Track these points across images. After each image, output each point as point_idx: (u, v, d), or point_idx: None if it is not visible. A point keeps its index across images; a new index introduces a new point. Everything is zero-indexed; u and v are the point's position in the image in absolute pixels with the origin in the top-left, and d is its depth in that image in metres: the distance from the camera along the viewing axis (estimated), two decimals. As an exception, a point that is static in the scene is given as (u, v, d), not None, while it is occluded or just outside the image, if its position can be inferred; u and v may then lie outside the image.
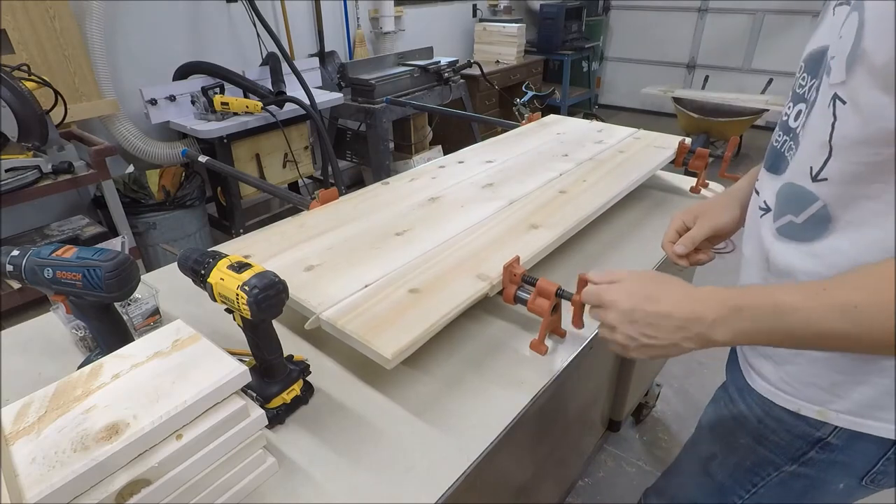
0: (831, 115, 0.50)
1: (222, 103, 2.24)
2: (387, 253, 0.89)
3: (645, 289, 0.57)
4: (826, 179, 0.52)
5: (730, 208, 0.76)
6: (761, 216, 0.63)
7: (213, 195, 2.56)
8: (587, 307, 0.66)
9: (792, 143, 0.58)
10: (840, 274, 0.48)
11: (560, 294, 0.76)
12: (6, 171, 1.64)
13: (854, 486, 0.61)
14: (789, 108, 0.60)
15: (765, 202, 0.62)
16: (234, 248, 0.90)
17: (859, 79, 0.46)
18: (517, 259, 0.81)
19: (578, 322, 0.77)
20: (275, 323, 0.65)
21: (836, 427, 0.58)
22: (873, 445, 0.57)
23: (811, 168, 0.53)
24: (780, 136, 0.61)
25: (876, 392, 0.54)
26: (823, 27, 0.55)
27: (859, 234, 0.51)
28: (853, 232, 0.51)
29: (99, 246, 1.07)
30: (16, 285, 1.73)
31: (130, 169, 2.32)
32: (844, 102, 0.48)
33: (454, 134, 3.53)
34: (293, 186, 2.74)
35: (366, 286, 0.79)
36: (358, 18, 3.25)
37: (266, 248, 0.90)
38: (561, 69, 4.43)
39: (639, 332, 0.56)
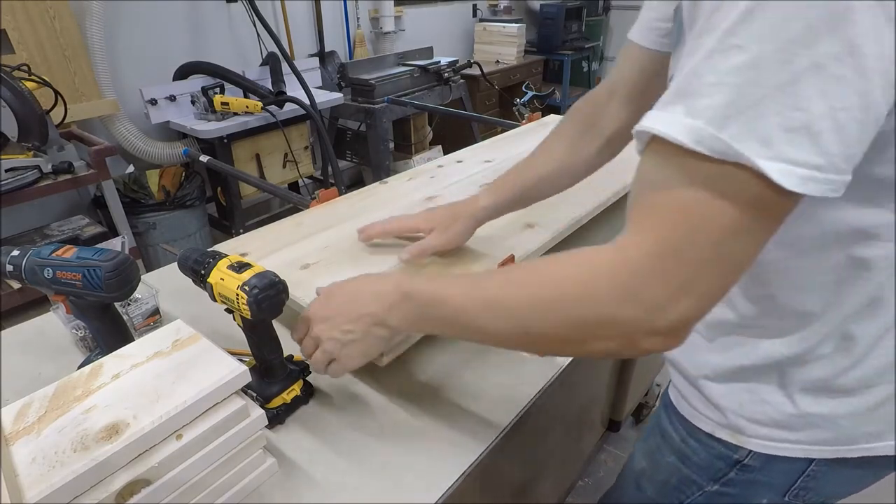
0: None
1: (222, 103, 2.24)
2: (382, 251, 0.88)
3: (338, 287, 0.60)
4: None
5: None
6: None
7: (213, 195, 2.56)
8: None
9: None
10: (503, 268, 0.49)
11: (559, 294, 0.76)
12: (6, 171, 1.64)
13: (778, 502, 0.60)
14: None
15: None
16: (230, 247, 0.90)
17: None
18: (511, 258, 0.81)
19: None
20: (275, 323, 0.65)
21: (751, 450, 0.57)
22: (790, 465, 0.56)
23: None
24: None
25: (781, 414, 0.53)
26: None
27: None
28: None
29: (99, 246, 1.07)
30: (16, 285, 1.73)
31: (130, 169, 2.32)
32: None
33: (454, 134, 3.53)
34: (293, 186, 2.74)
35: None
36: (358, 18, 3.25)
37: (262, 247, 0.90)
38: (561, 69, 4.42)
39: (338, 331, 0.57)
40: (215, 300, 0.63)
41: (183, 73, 2.36)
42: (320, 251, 0.89)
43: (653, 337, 0.40)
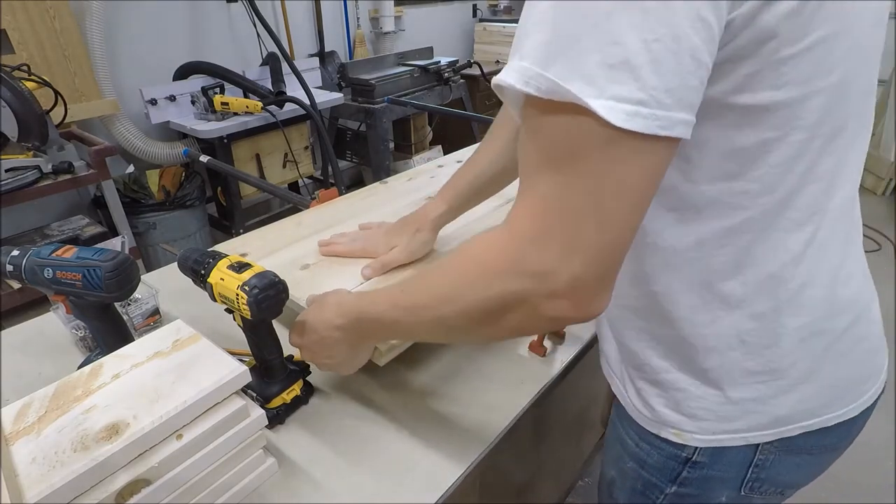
0: None
1: (222, 103, 2.24)
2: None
3: (308, 323, 0.63)
4: None
5: None
6: None
7: (213, 195, 2.56)
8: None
9: None
10: (426, 269, 0.52)
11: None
12: (6, 171, 1.64)
13: (736, 498, 0.59)
14: None
15: None
16: (231, 247, 0.90)
17: None
18: None
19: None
20: (275, 323, 0.65)
21: (697, 446, 0.56)
22: (737, 456, 0.55)
23: None
24: None
25: (715, 405, 0.53)
26: None
27: None
28: None
29: (99, 246, 1.07)
30: (16, 285, 1.73)
31: (130, 169, 2.32)
32: None
33: (454, 134, 3.53)
34: (293, 186, 2.74)
35: (360, 284, 0.79)
36: (358, 18, 3.25)
37: (262, 247, 0.90)
38: (561, 69, 4.41)
39: (323, 357, 0.63)
40: (215, 300, 0.63)
41: (183, 73, 2.35)
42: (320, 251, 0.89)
43: (555, 301, 0.39)
